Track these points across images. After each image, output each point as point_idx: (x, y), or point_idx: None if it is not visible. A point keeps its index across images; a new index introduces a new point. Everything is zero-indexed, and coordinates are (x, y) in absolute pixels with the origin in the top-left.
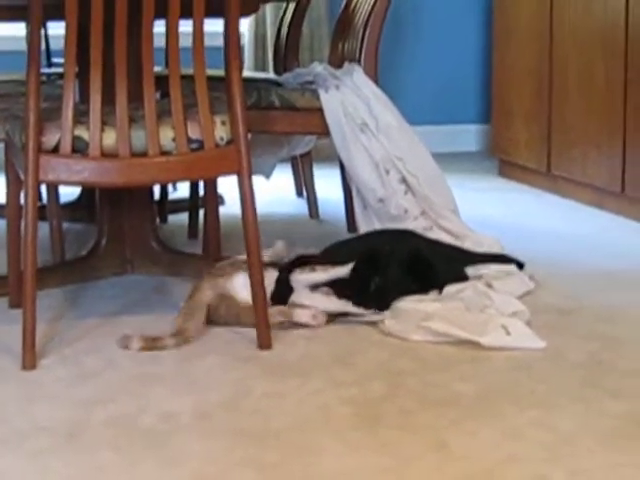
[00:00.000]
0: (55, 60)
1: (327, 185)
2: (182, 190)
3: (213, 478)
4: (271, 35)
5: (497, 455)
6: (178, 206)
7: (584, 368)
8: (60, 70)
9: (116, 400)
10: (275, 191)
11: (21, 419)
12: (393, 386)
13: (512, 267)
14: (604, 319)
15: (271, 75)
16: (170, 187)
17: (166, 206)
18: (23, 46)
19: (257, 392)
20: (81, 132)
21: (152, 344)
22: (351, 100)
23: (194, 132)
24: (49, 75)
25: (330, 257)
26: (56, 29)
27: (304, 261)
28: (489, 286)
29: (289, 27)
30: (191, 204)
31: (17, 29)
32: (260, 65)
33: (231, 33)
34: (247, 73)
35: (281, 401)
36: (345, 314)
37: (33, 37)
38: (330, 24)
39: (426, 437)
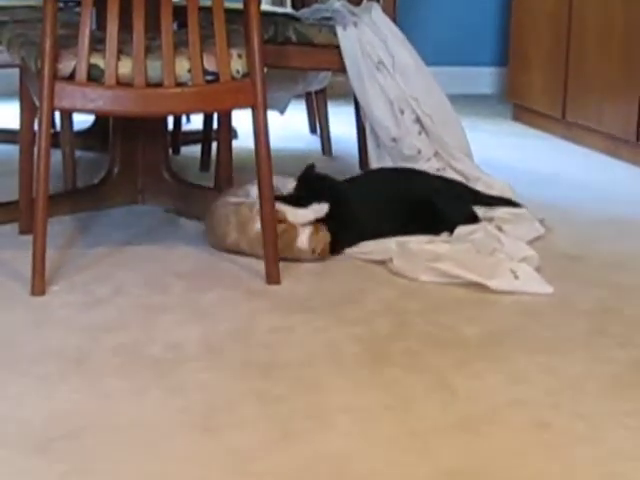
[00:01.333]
0: None
1: (341, 122)
2: (196, 122)
3: (219, 408)
4: None
5: (501, 398)
6: (191, 138)
7: (591, 315)
8: None
9: (124, 328)
10: (289, 127)
11: (30, 344)
12: (400, 326)
13: (523, 211)
14: (613, 266)
15: (289, 10)
16: (184, 119)
17: (179, 137)
18: None
19: (265, 326)
20: (97, 60)
21: None
22: (368, 38)
23: (210, 64)
24: (66, 2)
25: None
26: None
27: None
28: (499, 229)
29: None
30: (204, 136)
31: None
32: (278, 0)
33: None
34: (265, 7)
35: (288, 336)
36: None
37: None
38: None
39: (431, 377)
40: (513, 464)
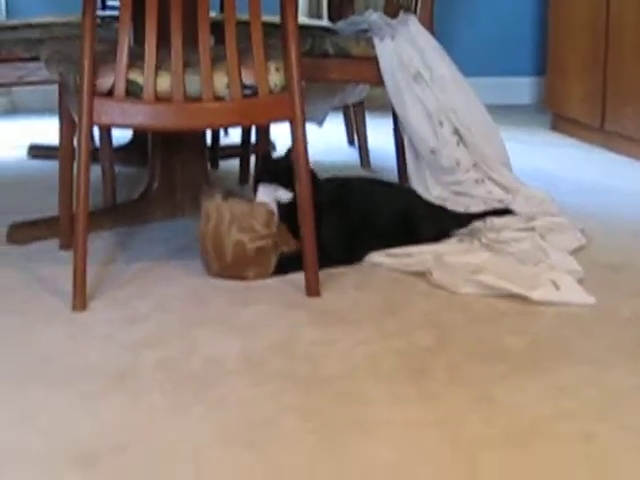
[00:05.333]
0: (109, 2)
1: (379, 134)
2: (234, 135)
3: (259, 422)
4: None
5: (545, 411)
6: (229, 152)
7: (633, 325)
8: (114, 13)
9: (165, 343)
10: (327, 139)
11: (71, 360)
12: (441, 338)
13: (564, 220)
14: None
15: (326, 22)
16: (222, 132)
17: (217, 151)
18: None
19: (305, 339)
20: (135, 76)
21: None
22: (406, 50)
23: (248, 78)
24: (103, 17)
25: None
26: None
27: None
28: (542, 238)
29: None
30: (242, 150)
31: None
32: (315, 12)
33: None
34: (302, 20)
35: (329, 349)
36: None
37: None
38: None
39: (473, 390)
40: (559, 476)
